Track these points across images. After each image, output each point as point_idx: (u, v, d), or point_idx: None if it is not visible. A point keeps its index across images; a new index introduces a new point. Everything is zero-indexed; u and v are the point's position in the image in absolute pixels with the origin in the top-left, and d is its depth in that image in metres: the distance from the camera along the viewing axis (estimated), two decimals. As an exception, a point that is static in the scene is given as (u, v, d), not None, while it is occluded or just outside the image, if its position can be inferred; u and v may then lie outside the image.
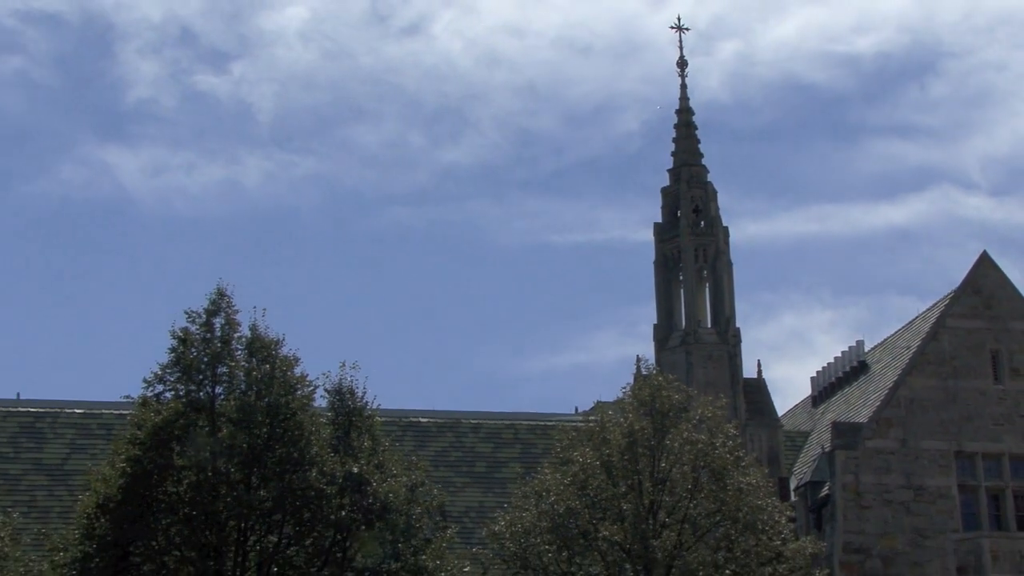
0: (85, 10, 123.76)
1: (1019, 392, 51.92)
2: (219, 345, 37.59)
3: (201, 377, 37.39)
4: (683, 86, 60.93)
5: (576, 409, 53.56)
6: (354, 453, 37.33)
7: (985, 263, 53.48)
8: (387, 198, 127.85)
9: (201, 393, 37.37)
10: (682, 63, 61.12)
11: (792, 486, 53.58)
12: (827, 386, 60.31)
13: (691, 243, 58.31)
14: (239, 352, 37.77)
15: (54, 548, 37.09)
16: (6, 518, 39.36)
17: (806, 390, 62.76)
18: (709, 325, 57.63)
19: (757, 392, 57.18)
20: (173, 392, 37.43)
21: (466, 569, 38.95)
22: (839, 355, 60.02)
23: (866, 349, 59.22)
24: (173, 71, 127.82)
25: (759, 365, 58.45)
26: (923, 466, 50.54)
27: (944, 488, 50.51)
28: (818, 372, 61.51)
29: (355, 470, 36.79)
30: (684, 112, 60.61)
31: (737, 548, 38.93)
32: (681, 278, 58.47)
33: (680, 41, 61.30)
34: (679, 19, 61.57)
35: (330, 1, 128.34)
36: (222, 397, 37.38)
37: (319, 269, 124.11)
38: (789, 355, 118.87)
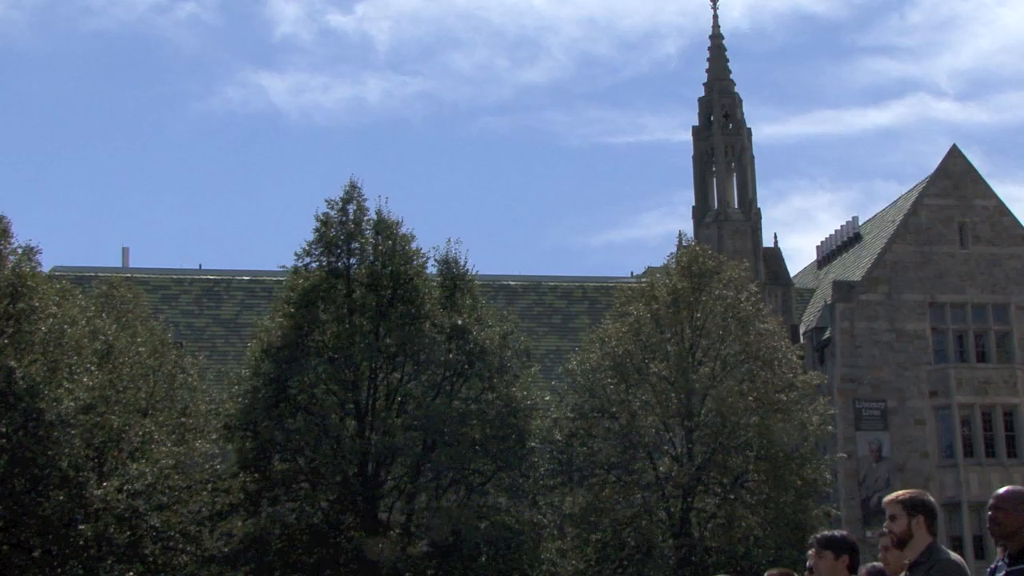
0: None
1: (980, 255, 51.21)
2: (352, 226, 37.35)
3: (339, 251, 37.22)
4: (715, 16, 59.76)
5: (631, 273, 53.33)
6: (458, 309, 37.18)
7: (954, 154, 52.74)
8: (479, 109, 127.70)
9: (339, 263, 37.21)
10: (714, -2, 59.83)
11: (801, 331, 53.23)
12: (829, 253, 59.72)
13: (722, 141, 57.72)
14: (368, 231, 37.52)
15: (230, 383, 37.37)
16: (194, 360, 39.71)
17: (812, 256, 62.25)
18: (736, 206, 57.06)
19: (774, 258, 56.82)
20: (317, 263, 37.30)
21: (547, 398, 38.87)
22: (838, 228, 59.38)
23: (860, 223, 58.49)
24: (310, 12, 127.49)
25: (775, 237, 58.22)
26: (904, 314, 50.13)
27: (920, 331, 50.12)
28: (822, 242, 60.91)
29: (459, 322, 36.67)
30: (716, 37, 59.49)
31: (758, 379, 38.61)
32: (714, 169, 57.93)
33: (713, -21, 59.99)
34: (711, -38, 60.16)
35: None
36: (355, 266, 37.25)
37: (427, 165, 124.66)
38: (798, 229, 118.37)
